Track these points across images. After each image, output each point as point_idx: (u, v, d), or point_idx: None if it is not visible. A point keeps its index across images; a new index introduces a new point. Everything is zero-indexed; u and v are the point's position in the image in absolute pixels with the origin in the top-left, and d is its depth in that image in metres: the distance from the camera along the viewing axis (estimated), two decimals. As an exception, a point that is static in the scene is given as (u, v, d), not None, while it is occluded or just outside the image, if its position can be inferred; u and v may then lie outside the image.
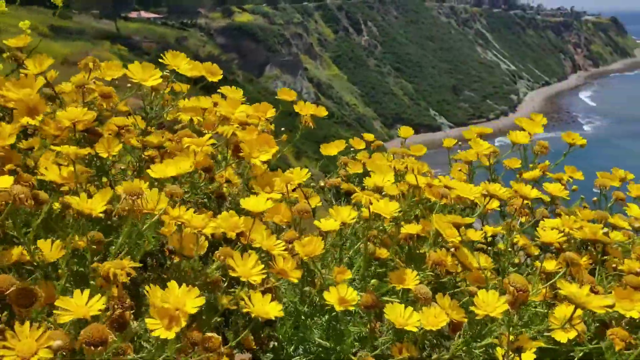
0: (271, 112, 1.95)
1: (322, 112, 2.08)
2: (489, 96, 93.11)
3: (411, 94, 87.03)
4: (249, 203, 1.44)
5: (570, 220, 1.74)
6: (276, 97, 2.11)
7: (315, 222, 1.56)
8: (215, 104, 1.89)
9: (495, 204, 1.84)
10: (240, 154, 1.66)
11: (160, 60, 1.81)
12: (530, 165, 2.08)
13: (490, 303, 1.33)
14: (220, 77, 1.93)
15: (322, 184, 2.09)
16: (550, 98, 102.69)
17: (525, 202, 1.73)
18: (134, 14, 70.52)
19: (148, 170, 1.50)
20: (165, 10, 76.34)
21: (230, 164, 1.79)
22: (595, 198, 2.00)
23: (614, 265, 1.71)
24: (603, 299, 1.27)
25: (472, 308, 1.35)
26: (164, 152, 1.74)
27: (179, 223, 1.36)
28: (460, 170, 2.22)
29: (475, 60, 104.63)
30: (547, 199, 1.90)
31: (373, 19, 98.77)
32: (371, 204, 1.49)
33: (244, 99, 1.89)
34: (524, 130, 2.08)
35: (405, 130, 2.44)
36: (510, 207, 1.84)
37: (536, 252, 1.88)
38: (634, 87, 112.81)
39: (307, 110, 2.04)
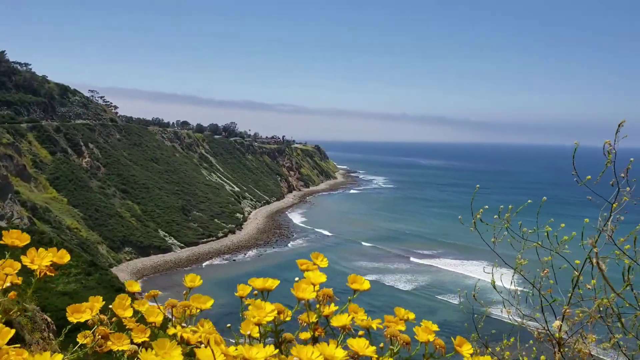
0: None
1: (65, 257, 1.65)
2: (217, 216, 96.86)
3: (139, 216, 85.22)
4: None
5: None
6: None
7: None
8: None
9: None
10: None
11: None
12: (317, 308, 1.80)
13: None
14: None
15: None
16: (271, 215, 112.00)
17: None
18: None
19: None
20: None
21: None
22: (382, 344, 1.77)
23: None
24: None
25: None
26: None
27: None
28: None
29: (202, 182, 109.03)
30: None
31: (94, 140, 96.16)
32: None
33: None
34: (308, 276, 1.79)
35: (192, 278, 1.95)
36: None
37: None
38: (336, 204, 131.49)
39: (41, 260, 1.57)
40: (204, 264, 75.64)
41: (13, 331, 1.31)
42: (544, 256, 2.88)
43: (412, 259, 78.28)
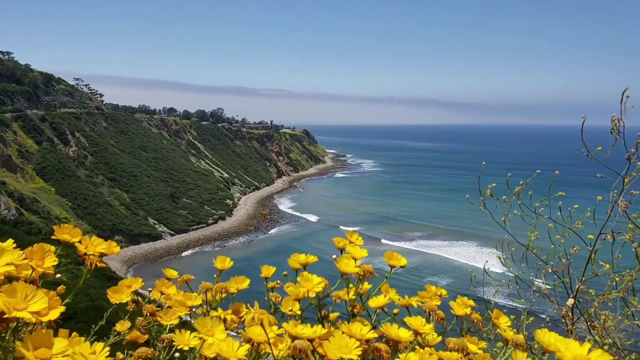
0: (51, 260, 1.40)
1: (115, 248, 1.65)
2: (206, 202, 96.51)
3: (128, 204, 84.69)
4: None
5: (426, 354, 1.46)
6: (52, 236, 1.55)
7: None
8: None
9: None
10: None
11: None
12: (351, 286, 1.77)
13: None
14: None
15: None
16: (261, 201, 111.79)
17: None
18: None
19: None
20: None
21: None
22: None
23: None
24: None
25: None
26: None
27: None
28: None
29: (190, 169, 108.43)
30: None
31: (81, 129, 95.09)
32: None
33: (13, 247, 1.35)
34: (346, 253, 1.76)
35: (222, 260, 1.98)
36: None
37: None
38: (325, 189, 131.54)
39: (94, 247, 1.59)
40: (183, 254, 74.36)
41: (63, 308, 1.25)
42: (554, 235, 2.84)
43: (400, 242, 78.47)
